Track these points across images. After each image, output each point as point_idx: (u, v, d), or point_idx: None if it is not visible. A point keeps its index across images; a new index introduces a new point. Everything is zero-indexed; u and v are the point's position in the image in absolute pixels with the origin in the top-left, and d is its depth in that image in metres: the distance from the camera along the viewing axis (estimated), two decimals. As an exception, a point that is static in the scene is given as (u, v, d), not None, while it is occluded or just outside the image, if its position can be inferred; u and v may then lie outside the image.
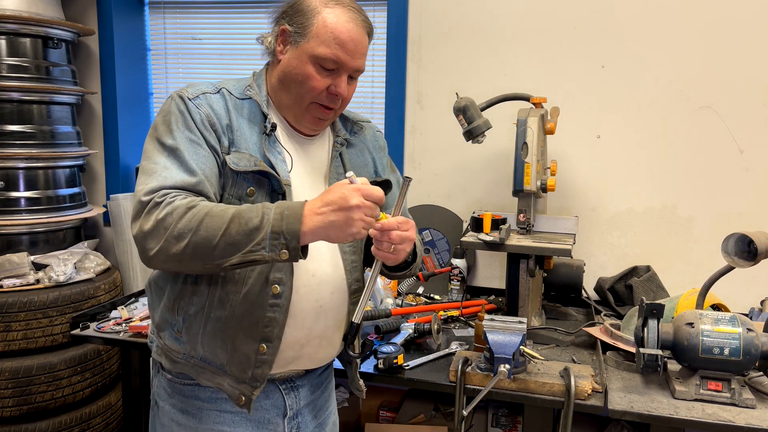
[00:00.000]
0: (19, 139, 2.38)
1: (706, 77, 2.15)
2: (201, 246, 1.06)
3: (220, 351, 1.21)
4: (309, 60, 1.21)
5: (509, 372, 1.44)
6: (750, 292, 2.15)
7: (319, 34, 1.20)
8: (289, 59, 1.23)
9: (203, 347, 1.22)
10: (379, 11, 2.53)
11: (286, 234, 1.06)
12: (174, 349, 1.26)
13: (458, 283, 2.26)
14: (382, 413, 2.39)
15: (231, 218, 1.06)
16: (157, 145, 1.16)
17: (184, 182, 1.12)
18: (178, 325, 1.24)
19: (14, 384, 2.21)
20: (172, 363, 1.27)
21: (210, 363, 1.23)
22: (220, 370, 1.22)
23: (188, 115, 1.18)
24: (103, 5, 2.69)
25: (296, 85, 1.23)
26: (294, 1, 1.24)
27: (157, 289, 1.28)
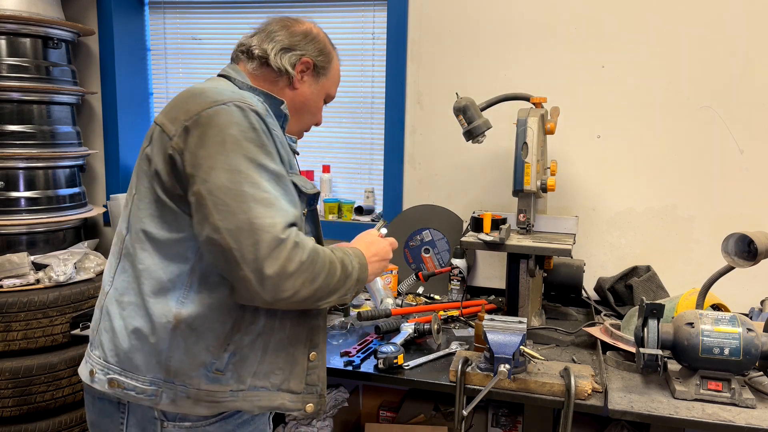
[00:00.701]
0: (19, 139, 2.38)
1: (706, 77, 2.15)
2: (322, 290, 1.12)
3: (279, 372, 1.22)
4: (321, 95, 1.40)
5: (509, 372, 1.44)
6: (750, 292, 2.15)
7: (334, 76, 1.42)
8: (309, 91, 1.37)
9: (256, 376, 1.20)
10: (379, 11, 2.53)
11: (361, 282, 1.24)
12: (216, 390, 1.16)
13: (458, 283, 2.26)
14: (382, 413, 2.39)
15: (341, 265, 1.17)
16: (256, 168, 1.09)
17: (293, 216, 1.11)
18: (220, 363, 1.16)
19: (14, 384, 2.21)
20: (213, 405, 1.16)
21: (262, 389, 1.21)
22: (275, 391, 1.22)
23: (270, 134, 1.15)
24: (103, 5, 2.69)
25: (309, 115, 1.40)
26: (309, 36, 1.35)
27: (189, 333, 1.14)
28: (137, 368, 1.15)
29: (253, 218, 1.04)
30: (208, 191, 1.06)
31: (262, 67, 1.31)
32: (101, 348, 1.19)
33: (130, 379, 1.15)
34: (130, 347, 1.15)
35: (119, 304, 1.18)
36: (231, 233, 1.03)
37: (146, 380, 1.15)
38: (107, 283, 1.23)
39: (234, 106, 1.12)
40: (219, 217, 1.04)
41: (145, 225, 1.15)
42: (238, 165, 1.07)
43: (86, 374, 1.20)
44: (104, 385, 1.17)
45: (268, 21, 1.36)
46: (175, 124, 1.13)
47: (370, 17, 2.55)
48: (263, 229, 1.03)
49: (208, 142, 1.08)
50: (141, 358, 1.15)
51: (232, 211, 1.04)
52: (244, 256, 1.03)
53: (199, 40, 2.79)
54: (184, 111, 1.13)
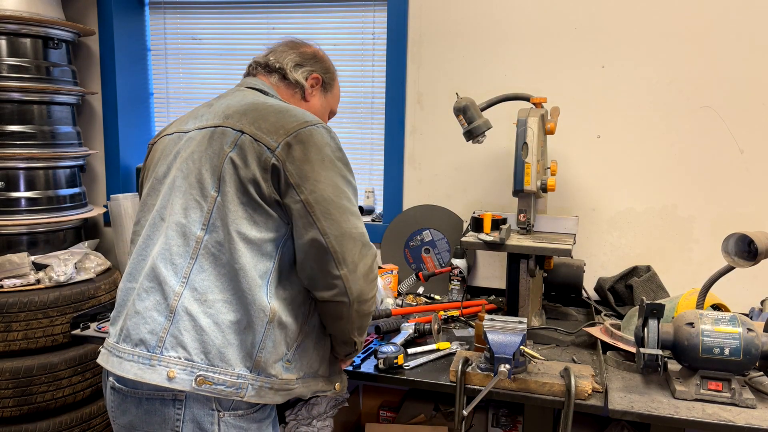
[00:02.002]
0: (20, 139, 2.39)
1: (706, 77, 2.15)
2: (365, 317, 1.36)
3: (320, 359, 1.37)
4: (328, 110, 1.58)
5: (509, 372, 1.44)
6: (750, 292, 2.15)
7: (336, 94, 1.60)
8: (319, 104, 1.53)
9: (309, 365, 1.33)
10: (379, 11, 2.53)
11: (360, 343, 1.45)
12: (289, 379, 1.28)
13: (458, 283, 2.26)
14: (382, 413, 2.39)
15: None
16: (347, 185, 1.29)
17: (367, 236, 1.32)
18: (290, 354, 1.29)
19: (15, 384, 2.21)
20: (286, 393, 1.28)
21: (308, 375, 1.34)
22: (314, 378, 1.36)
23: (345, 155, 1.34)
24: (103, 5, 2.69)
25: None
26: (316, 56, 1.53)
27: (279, 326, 1.24)
28: (228, 363, 1.21)
29: (352, 228, 1.26)
30: (315, 201, 1.23)
31: (282, 81, 1.48)
32: (182, 348, 1.20)
33: (220, 374, 1.20)
34: (224, 342, 1.21)
35: (203, 303, 1.22)
36: (337, 238, 1.23)
37: (234, 374, 1.21)
38: (176, 284, 1.23)
39: (322, 127, 1.29)
40: (326, 224, 1.23)
41: (239, 227, 1.23)
42: (338, 182, 1.27)
43: (161, 378, 1.19)
44: (190, 384, 1.19)
45: (279, 42, 1.55)
46: (273, 136, 1.24)
47: (370, 17, 2.55)
48: (357, 237, 1.26)
49: (312, 158, 1.24)
50: (233, 353, 1.21)
51: (337, 220, 1.24)
52: (345, 258, 1.24)
53: (199, 40, 2.79)
54: (280, 126, 1.25)
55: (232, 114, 1.29)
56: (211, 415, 1.21)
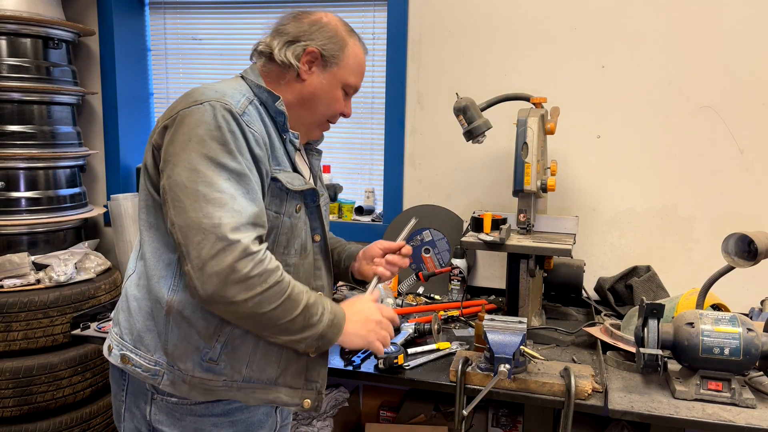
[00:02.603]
0: (20, 139, 2.39)
1: (706, 77, 2.15)
2: (269, 319, 1.12)
3: (272, 366, 1.24)
4: (339, 86, 1.32)
5: (509, 372, 1.44)
6: (750, 292, 2.15)
7: (350, 64, 1.32)
8: (319, 82, 1.30)
9: (250, 368, 1.23)
10: (379, 11, 2.53)
11: (326, 339, 1.19)
12: (208, 379, 1.20)
13: (458, 283, 2.26)
14: (382, 413, 2.39)
15: (302, 309, 1.14)
16: (215, 167, 1.10)
17: (253, 215, 1.11)
18: (213, 352, 1.19)
19: (15, 384, 2.21)
20: (207, 392, 1.21)
21: (257, 381, 1.24)
22: (270, 386, 1.25)
23: (242, 134, 1.14)
24: (103, 6, 2.69)
25: (323, 106, 1.32)
26: (315, 23, 1.31)
27: (180, 319, 1.19)
28: (147, 347, 1.22)
29: (202, 217, 1.07)
30: (169, 187, 1.11)
31: (269, 63, 1.32)
32: (119, 326, 1.27)
33: (139, 357, 1.22)
34: (142, 327, 1.22)
35: (137, 286, 1.24)
36: (182, 230, 1.08)
37: (152, 360, 1.21)
38: (130, 267, 1.30)
39: (208, 105, 1.14)
40: (174, 213, 1.10)
41: (143, 214, 1.23)
42: (198, 164, 1.09)
43: (105, 349, 1.29)
44: (117, 359, 1.25)
45: (282, 16, 1.37)
46: (160, 122, 1.20)
47: (370, 17, 2.55)
48: (208, 229, 1.06)
49: (177, 140, 1.12)
50: (150, 339, 1.21)
51: (185, 208, 1.08)
52: (189, 253, 1.07)
53: (199, 41, 2.79)
54: (170, 109, 1.19)
55: None
56: (145, 393, 1.24)
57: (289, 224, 1.24)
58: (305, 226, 1.28)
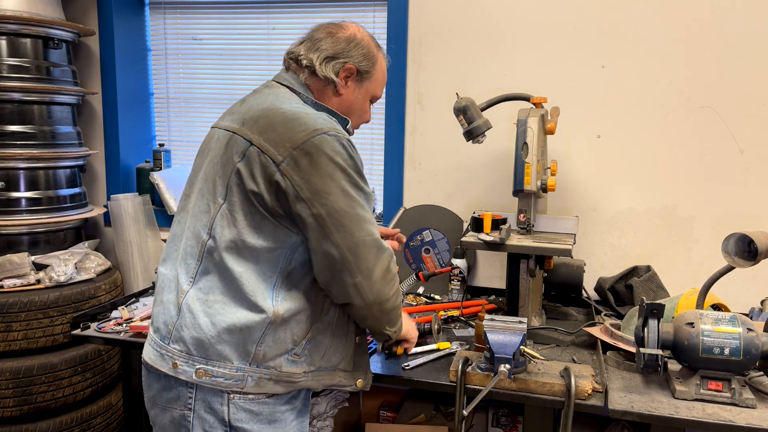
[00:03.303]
0: (20, 139, 2.39)
1: (706, 77, 2.15)
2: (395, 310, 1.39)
3: (339, 353, 1.39)
4: (367, 98, 1.48)
5: (509, 372, 1.44)
6: (750, 292, 2.15)
7: (378, 78, 1.48)
8: (354, 95, 1.45)
9: (323, 358, 1.36)
10: (379, 11, 2.53)
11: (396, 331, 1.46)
12: (294, 372, 1.32)
13: (458, 283, 2.26)
14: (382, 413, 2.39)
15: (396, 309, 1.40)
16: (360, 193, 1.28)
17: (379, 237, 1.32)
18: (299, 348, 1.32)
19: (15, 384, 2.21)
20: (289, 385, 1.33)
21: (323, 369, 1.37)
22: (332, 371, 1.38)
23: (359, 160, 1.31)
24: (103, 5, 2.69)
25: (356, 117, 1.48)
26: (353, 42, 1.42)
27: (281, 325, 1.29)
28: (225, 358, 1.27)
29: (365, 236, 1.26)
30: (327, 213, 1.24)
31: (312, 77, 1.42)
32: (182, 342, 1.30)
33: (219, 368, 1.28)
34: (218, 340, 1.27)
35: (204, 302, 1.29)
36: (350, 249, 1.25)
37: (234, 367, 1.28)
38: (185, 282, 1.32)
39: (332, 135, 1.26)
40: (339, 236, 1.24)
41: (243, 235, 1.27)
42: (349, 190, 1.26)
43: (168, 367, 1.31)
44: (191, 375, 1.28)
45: (314, 28, 1.46)
46: (279, 149, 1.24)
47: (370, 17, 2.55)
48: (371, 243, 1.27)
49: (321, 170, 1.24)
50: (230, 350, 1.28)
51: (350, 230, 1.25)
52: (359, 267, 1.26)
53: (199, 41, 2.79)
54: (287, 138, 1.25)
55: (248, 119, 1.31)
56: (221, 396, 1.29)
57: None
58: None
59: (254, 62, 2.73)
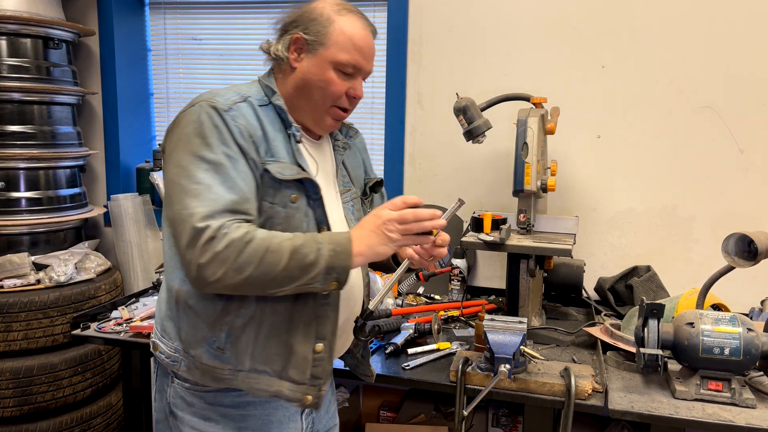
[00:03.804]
0: (20, 139, 2.39)
1: (706, 77, 2.15)
2: (261, 278, 1.12)
3: (276, 357, 1.24)
4: (330, 66, 1.26)
5: (509, 372, 1.44)
6: (750, 292, 2.15)
7: (338, 41, 1.26)
8: (307, 67, 1.27)
9: (253, 358, 1.24)
10: (379, 11, 2.53)
11: (338, 270, 1.14)
12: (216, 366, 1.24)
13: (458, 283, 2.26)
14: (382, 413, 2.39)
15: (290, 254, 1.12)
16: (195, 160, 1.15)
17: (231, 203, 1.14)
18: (219, 341, 1.23)
19: (15, 384, 2.21)
20: (216, 380, 1.25)
21: (263, 372, 1.24)
22: (275, 377, 1.24)
23: (225, 128, 1.18)
24: (103, 6, 2.69)
25: (318, 90, 1.27)
26: (304, 11, 1.29)
27: (187, 309, 1.24)
28: (168, 335, 1.30)
29: (181, 209, 1.12)
30: (165, 184, 1.20)
31: (271, 60, 1.33)
32: (156, 315, 1.37)
33: (163, 345, 1.31)
34: (164, 315, 1.31)
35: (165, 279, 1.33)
36: (171, 222, 1.16)
37: (172, 347, 1.29)
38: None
39: (198, 105, 1.19)
40: (165, 207, 1.18)
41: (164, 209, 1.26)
42: (182, 160, 1.16)
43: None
44: (151, 346, 1.37)
45: None
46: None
47: (370, 17, 2.54)
48: (185, 219, 1.12)
49: (170, 141, 1.21)
50: (170, 327, 1.30)
51: (171, 202, 1.15)
52: (179, 243, 1.13)
53: (199, 41, 2.79)
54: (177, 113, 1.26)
55: None
56: (167, 377, 1.33)
57: (284, 214, 1.22)
58: (306, 218, 1.25)
59: (254, 62, 2.72)
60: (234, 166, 1.16)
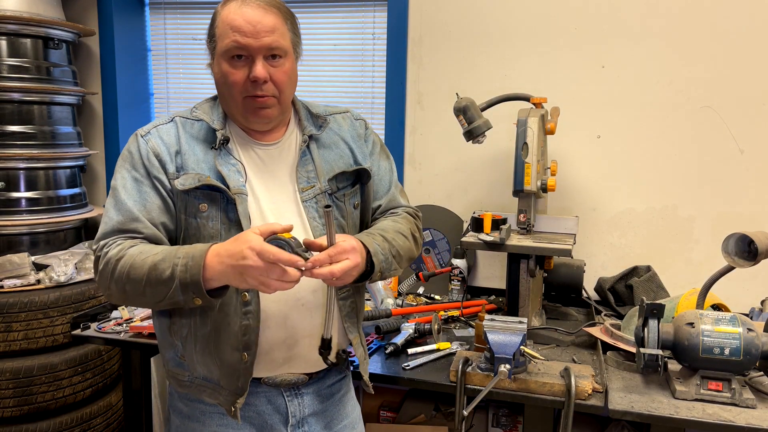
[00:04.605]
0: (20, 139, 2.39)
1: (706, 77, 2.15)
2: (136, 293, 1.16)
3: (213, 367, 1.27)
4: (222, 59, 1.25)
5: (510, 372, 1.44)
6: (750, 292, 2.15)
7: (221, 33, 1.24)
8: (213, 69, 1.30)
9: (200, 366, 1.28)
10: (379, 11, 2.53)
11: (191, 286, 1.11)
12: (179, 373, 1.31)
13: (458, 283, 2.26)
14: (382, 413, 2.39)
15: (149, 270, 1.13)
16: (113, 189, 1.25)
17: (117, 224, 1.21)
18: (179, 348, 1.29)
19: (15, 384, 2.21)
20: (180, 385, 1.33)
21: (209, 380, 1.29)
22: (217, 386, 1.28)
23: (135, 152, 1.25)
24: (103, 6, 2.69)
25: (224, 87, 1.26)
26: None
27: (158, 317, 1.33)
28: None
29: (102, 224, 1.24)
30: None
31: None
32: None
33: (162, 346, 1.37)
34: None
35: None
36: None
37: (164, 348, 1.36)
38: None
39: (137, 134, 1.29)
40: None
41: None
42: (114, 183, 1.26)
43: None
44: None
45: None
46: None
47: (370, 17, 2.55)
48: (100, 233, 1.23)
49: None
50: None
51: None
52: None
53: (199, 41, 2.79)
54: None
55: None
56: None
57: (195, 224, 1.23)
58: (224, 225, 1.22)
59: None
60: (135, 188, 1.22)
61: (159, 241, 1.22)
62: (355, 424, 1.45)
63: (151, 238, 1.21)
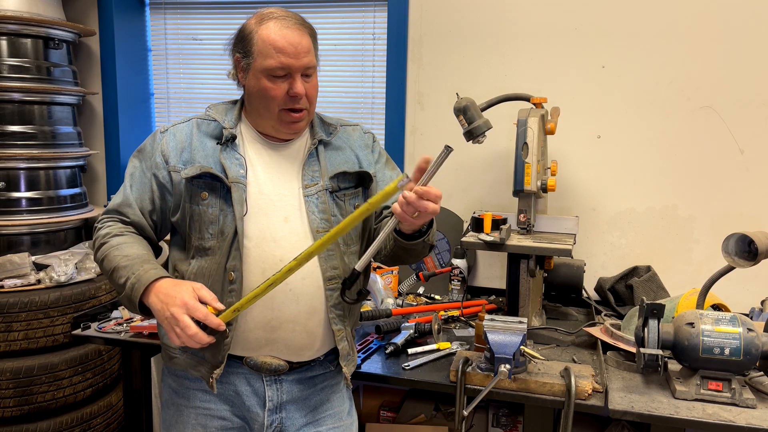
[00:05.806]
0: (20, 139, 2.39)
1: (706, 77, 2.15)
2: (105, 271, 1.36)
3: None
4: (262, 75, 1.34)
5: (510, 372, 1.44)
6: (750, 292, 2.15)
7: (262, 51, 1.33)
8: (249, 82, 1.38)
9: None
10: (379, 11, 2.53)
11: (130, 301, 1.29)
12: (169, 347, 1.41)
13: (459, 283, 2.26)
14: (382, 413, 2.39)
15: (112, 269, 1.32)
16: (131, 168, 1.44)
17: (117, 204, 1.41)
18: None
19: (15, 384, 2.21)
20: (170, 359, 1.42)
21: (195, 354, 1.37)
22: (202, 360, 1.37)
23: (148, 148, 1.43)
24: (104, 6, 2.69)
25: (261, 101, 1.36)
26: (238, 32, 1.39)
27: None
28: None
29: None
30: None
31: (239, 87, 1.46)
32: None
33: None
34: None
35: None
36: None
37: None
38: None
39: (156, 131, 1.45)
40: None
41: None
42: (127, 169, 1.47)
43: None
44: None
45: None
46: None
47: (370, 18, 2.55)
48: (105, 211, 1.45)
49: None
50: None
51: None
52: None
53: (199, 41, 2.79)
54: None
55: None
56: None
57: (198, 211, 1.35)
58: (222, 213, 1.34)
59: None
60: (139, 178, 1.41)
61: (143, 227, 1.41)
62: (342, 416, 1.47)
63: (136, 224, 1.40)
